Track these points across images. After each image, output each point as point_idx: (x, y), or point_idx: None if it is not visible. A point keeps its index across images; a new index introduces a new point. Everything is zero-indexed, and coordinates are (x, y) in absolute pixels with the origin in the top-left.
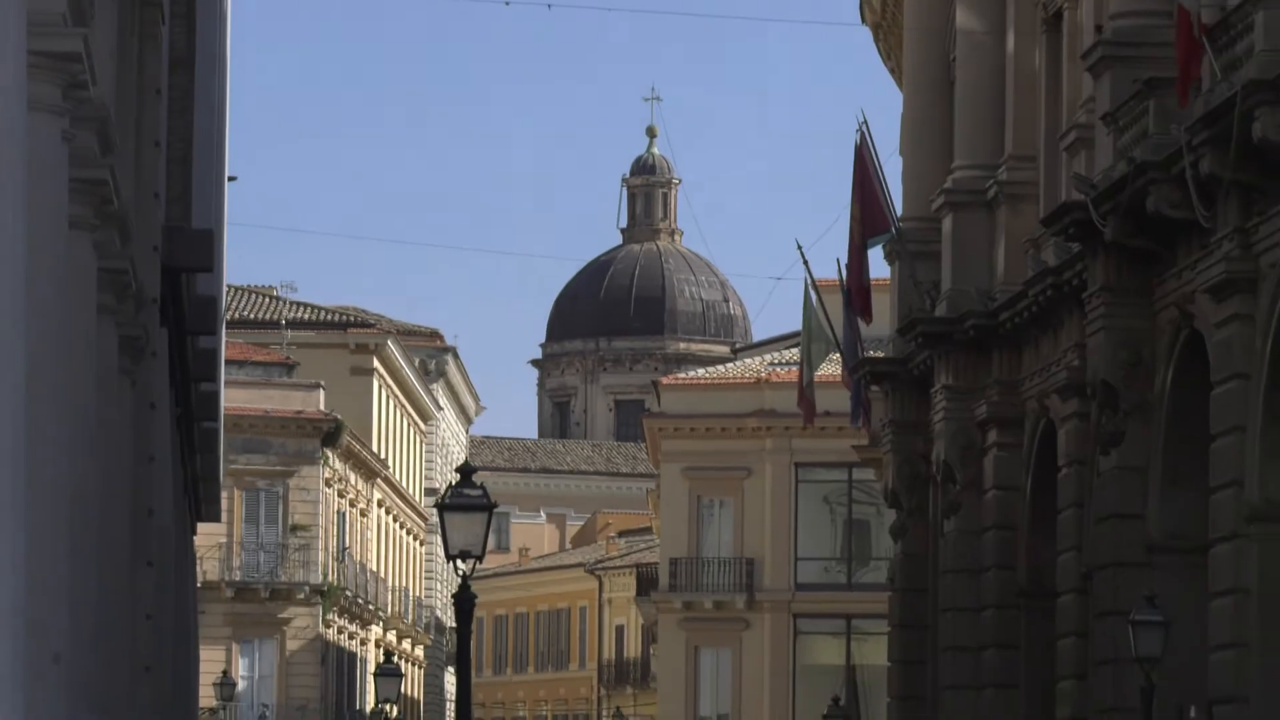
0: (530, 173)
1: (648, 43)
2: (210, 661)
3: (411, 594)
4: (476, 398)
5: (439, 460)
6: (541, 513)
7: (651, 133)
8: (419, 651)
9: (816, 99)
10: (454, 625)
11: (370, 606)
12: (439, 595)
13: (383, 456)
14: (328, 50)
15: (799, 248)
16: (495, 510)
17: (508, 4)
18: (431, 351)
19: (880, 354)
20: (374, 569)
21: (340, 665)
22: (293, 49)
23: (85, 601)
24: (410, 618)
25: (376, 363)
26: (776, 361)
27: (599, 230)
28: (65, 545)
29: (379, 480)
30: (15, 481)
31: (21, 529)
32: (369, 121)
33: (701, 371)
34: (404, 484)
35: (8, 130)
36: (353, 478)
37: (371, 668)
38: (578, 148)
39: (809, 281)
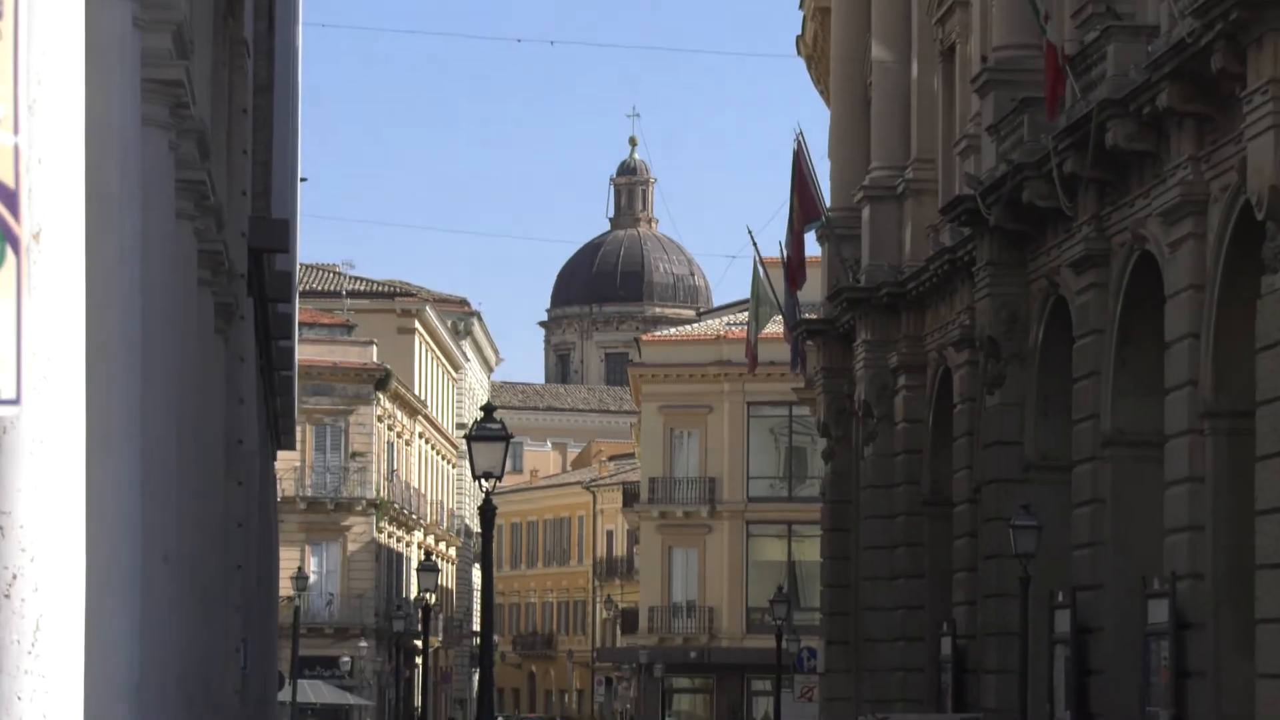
0: (538, 173)
1: (630, 71)
2: (288, 560)
3: (445, 506)
4: (496, 351)
5: (466, 401)
6: (547, 442)
7: (633, 142)
8: (451, 551)
9: (763, 114)
10: (479, 530)
11: (413, 516)
12: (467, 507)
13: (422, 398)
14: (378, 82)
15: (749, 232)
16: (510, 440)
17: (519, 41)
18: (460, 315)
19: (813, 316)
20: (416, 486)
21: (389, 562)
22: (351, 81)
23: (189, 512)
24: (444, 525)
25: (417, 324)
26: (732, 322)
27: (592, 219)
28: (173, 468)
29: (419, 417)
30: (132, 418)
31: (137, 455)
32: (411, 135)
33: (673, 330)
34: (439, 419)
35: (125, 142)
36: (399, 415)
37: (414, 564)
38: (575, 153)
39: (757, 259)
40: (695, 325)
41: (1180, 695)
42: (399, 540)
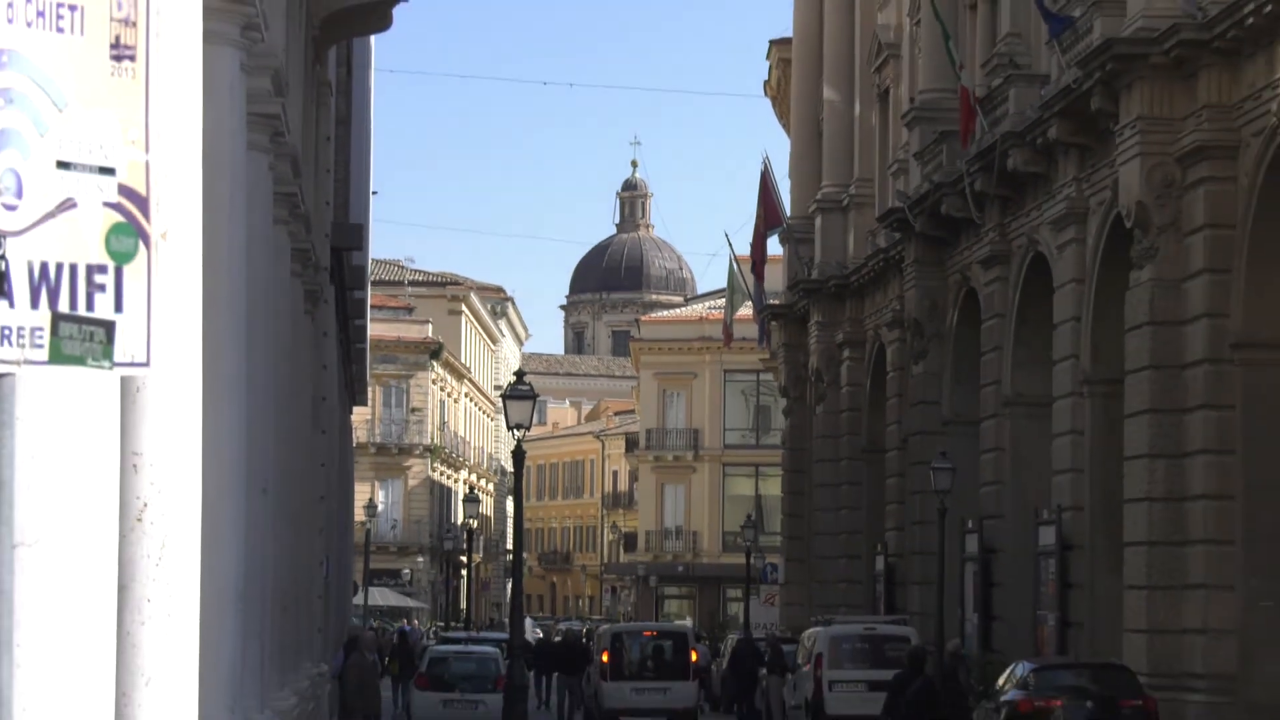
0: (559, 188)
1: (632, 108)
2: (361, 492)
3: (485, 450)
4: (525, 329)
5: (502, 368)
6: (566, 401)
7: (634, 164)
8: (490, 486)
9: (737, 142)
10: (512, 470)
11: (459, 458)
12: (502, 451)
13: (467, 365)
14: (432, 115)
15: (726, 236)
16: (536, 399)
17: (545, 84)
18: (497, 300)
19: (776, 302)
20: (462, 435)
21: (441, 495)
22: (412, 114)
23: (283, 454)
24: (484, 465)
25: (463, 307)
26: (712, 306)
27: (601, 225)
28: (270, 418)
29: (465, 380)
30: (238, 379)
31: (243, 409)
32: (458, 157)
33: (665, 313)
34: (480, 382)
35: (234, 162)
36: (448, 378)
37: (460, 497)
38: (588, 173)
39: (732, 257)
40: (683, 309)
41: (1063, 602)
42: (448, 477)
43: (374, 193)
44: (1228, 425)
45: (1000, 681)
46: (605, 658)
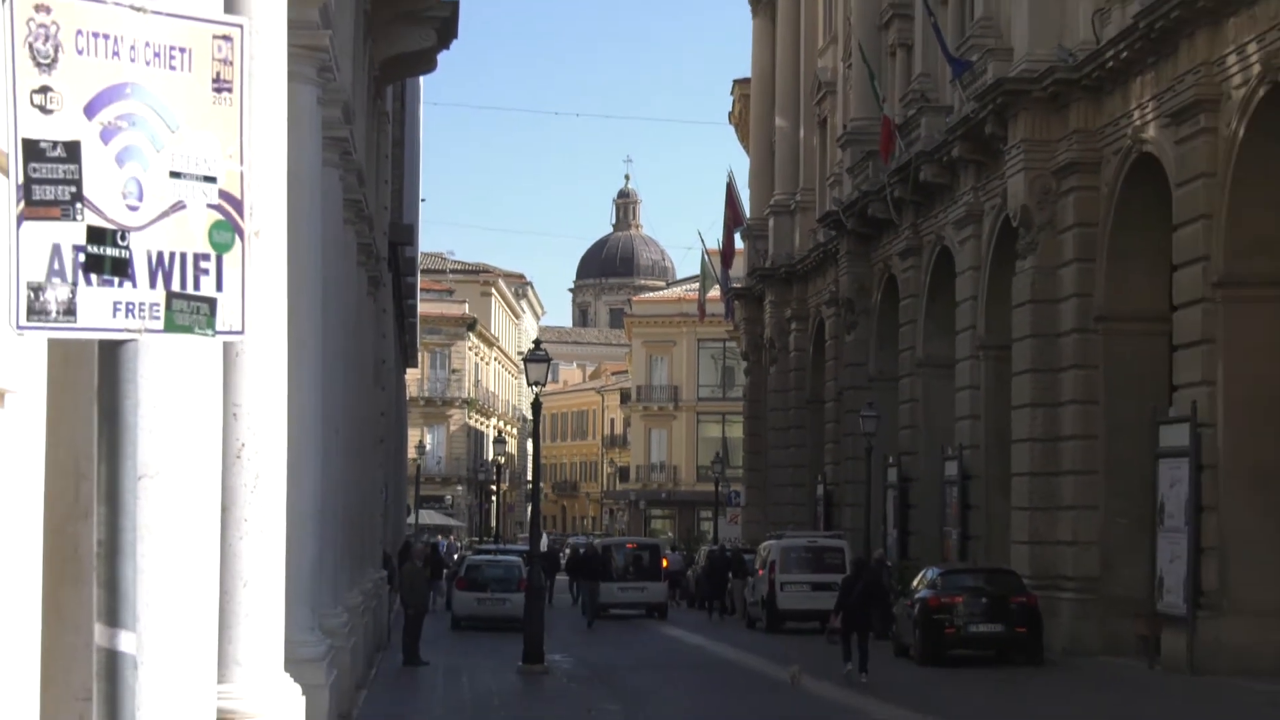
0: (568, 195)
1: (626, 131)
2: (412, 435)
3: (510, 402)
4: (541, 307)
5: (523, 337)
6: (574, 364)
7: (627, 177)
8: (514, 430)
9: (708, 160)
10: (531, 418)
11: (490, 409)
12: (524, 403)
13: (495, 336)
14: (467, 138)
15: (699, 234)
16: (550, 361)
17: (556, 114)
18: (519, 284)
19: (739, 285)
20: (492, 390)
21: (476, 438)
22: (452, 138)
23: (351, 405)
24: (510, 414)
25: (493, 290)
26: (688, 289)
27: (601, 225)
28: (340, 377)
29: (494, 347)
30: (315, 345)
31: (319, 369)
32: (488, 171)
33: (651, 294)
34: (506, 348)
35: (312, 175)
36: (481, 346)
37: (491, 439)
38: (592, 183)
39: (704, 250)
40: (665, 291)
41: (964, 520)
42: (481, 423)
43: (422, 200)
44: (1092, 381)
45: (914, 583)
46: (576, 561)
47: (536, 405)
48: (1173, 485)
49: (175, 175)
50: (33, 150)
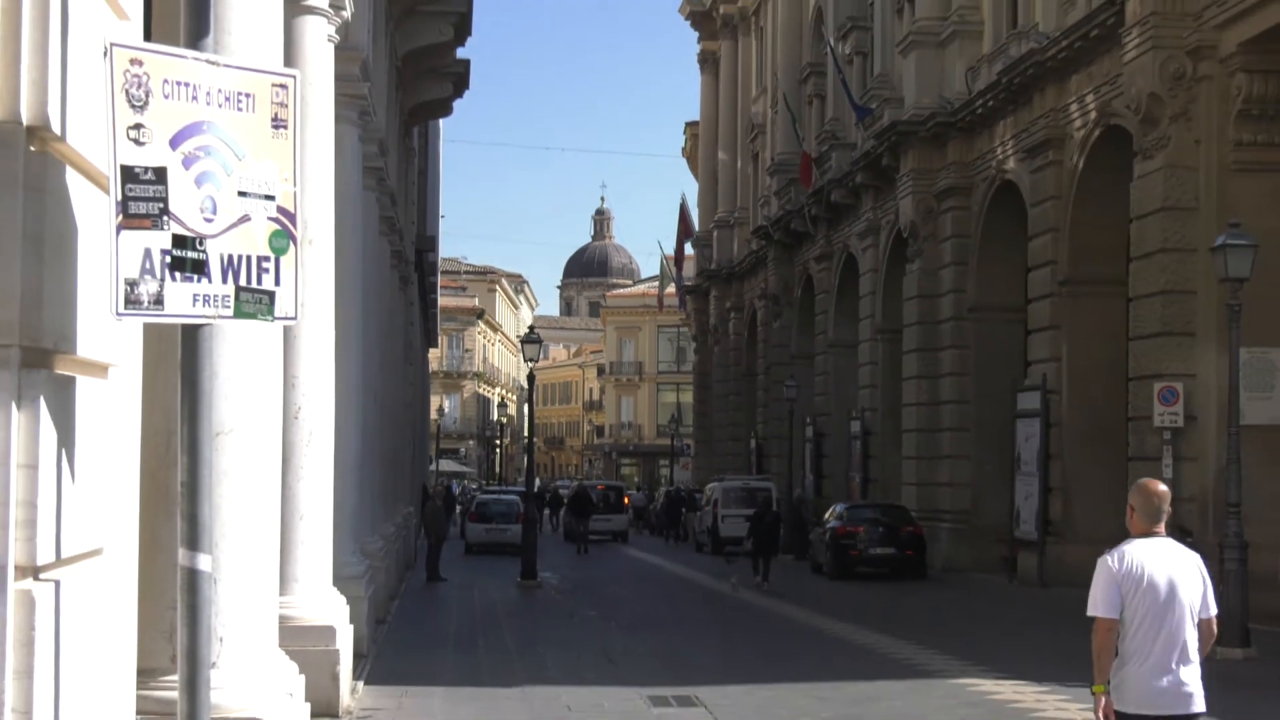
0: (556, 212)
1: (601, 162)
2: (434, 401)
3: (511, 375)
4: (535, 300)
5: (521, 324)
6: (561, 344)
7: (602, 199)
8: (513, 397)
9: (666, 184)
10: (526, 388)
11: (495, 380)
12: (521, 376)
13: (499, 323)
14: (475, 166)
15: (659, 243)
16: (541, 343)
17: (547, 149)
18: (517, 283)
19: (690, 283)
20: (497, 366)
21: (483, 403)
22: (465, 166)
23: (386, 377)
24: (510, 385)
25: (498, 288)
26: (650, 286)
27: (582, 236)
28: (376, 354)
29: (498, 332)
30: (356, 330)
31: (359, 348)
32: (492, 194)
33: (621, 290)
34: (508, 332)
35: (354, 196)
36: (488, 330)
37: (496, 404)
38: (575, 203)
39: (663, 255)
40: (632, 288)
41: (865, 467)
42: (488, 391)
43: (442, 216)
44: (965, 358)
45: (826, 516)
46: (572, 500)
47: (531, 377)
48: (1027, 439)
49: (242, 194)
50: (129, 174)
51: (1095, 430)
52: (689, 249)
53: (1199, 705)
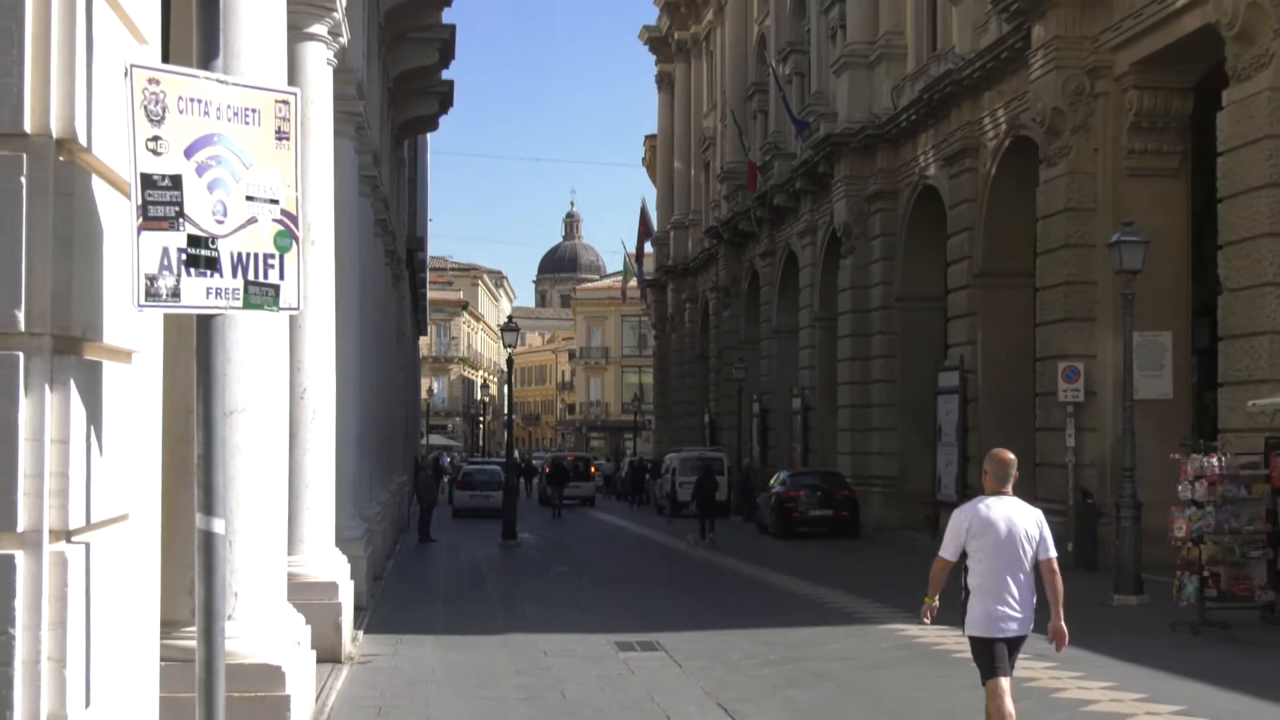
0: (532, 215)
1: (571, 170)
2: (424, 383)
3: (492, 360)
4: (513, 292)
5: (501, 314)
6: (536, 332)
7: (572, 203)
8: (494, 379)
9: (629, 191)
10: (506, 370)
11: (478, 364)
12: (501, 360)
13: (481, 313)
14: (461, 175)
15: (623, 242)
16: (519, 330)
17: (524, 159)
18: (497, 277)
19: (650, 277)
20: (479, 351)
21: (468, 385)
22: (450, 173)
23: (381, 361)
24: (491, 368)
25: (480, 282)
26: (615, 280)
27: (555, 236)
28: (371, 342)
29: (481, 321)
30: (355, 319)
31: (358, 335)
32: (476, 200)
33: (589, 284)
34: (490, 321)
35: (351, 201)
36: (472, 320)
37: (479, 384)
38: (548, 207)
39: (626, 253)
40: (599, 281)
41: (805, 438)
42: (472, 374)
43: (430, 219)
44: (892, 342)
45: (771, 482)
46: (548, 470)
47: (510, 362)
48: (947, 414)
49: (249, 199)
50: (148, 181)
51: (1007, 405)
52: (649, 247)
53: (1026, 629)
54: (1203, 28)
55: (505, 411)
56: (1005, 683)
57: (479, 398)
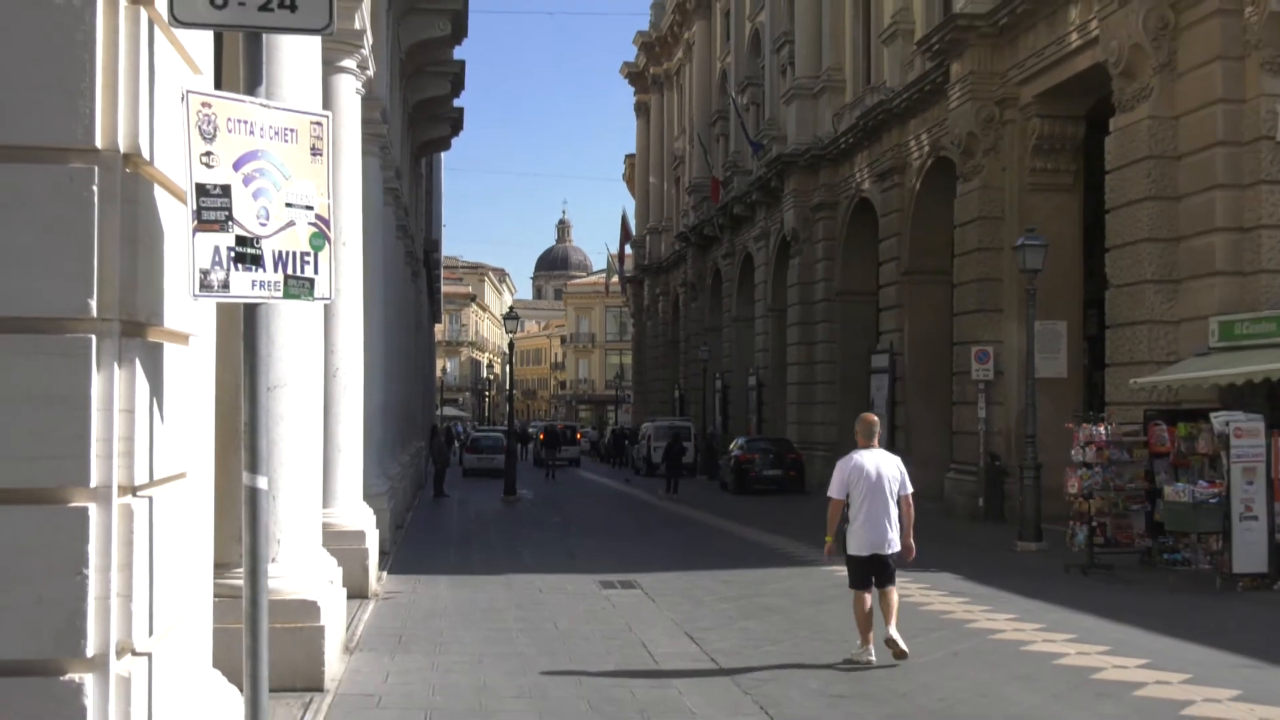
0: (529, 222)
1: (563, 184)
2: (439, 363)
3: (497, 344)
4: (514, 287)
5: (503, 305)
6: (533, 320)
7: (564, 212)
8: (498, 360)
9: (611, 201)
10: (508, 353)
11: (484, 347)
12: (504, 344)
13: (487, 304)
14: (470, 188)
15: (606, 245)
16: (519, 319)
17: (522, 175)
18: (501, 275)
19: (630, 275)
20: (485, 336)
21: (476, 365)
22: (460, 186)
23: (403, 345)
24: (496, 351)
25: (486, 278)
26: (600, 277)
27: (548, 238)
28: (394, 327)
29: (487, 311)
30: (378, 308)
31: (382, 324)
32: (484, 209)
33: (579, 280)
34: (494, 311)
35: (376, 209)
36: (479, 310)
37: (485, 364)
38: (543, 216)
39: (609, 254)
40: (587, 278)
41: (760, 410)
42: (479, 356)
43: (444, 224)
44: (833, 329)
45: (731, 446)
46: (541, 437)
47: (511, 345)
48: (878, 389)
49: (289, 205)
50: (201, 190)
51: (928, 382)
52: (628, 249)
53: (894, 548)
54: (1093, 66)
55: (507, 387)
56: (867, 595)
57: (485, 375)
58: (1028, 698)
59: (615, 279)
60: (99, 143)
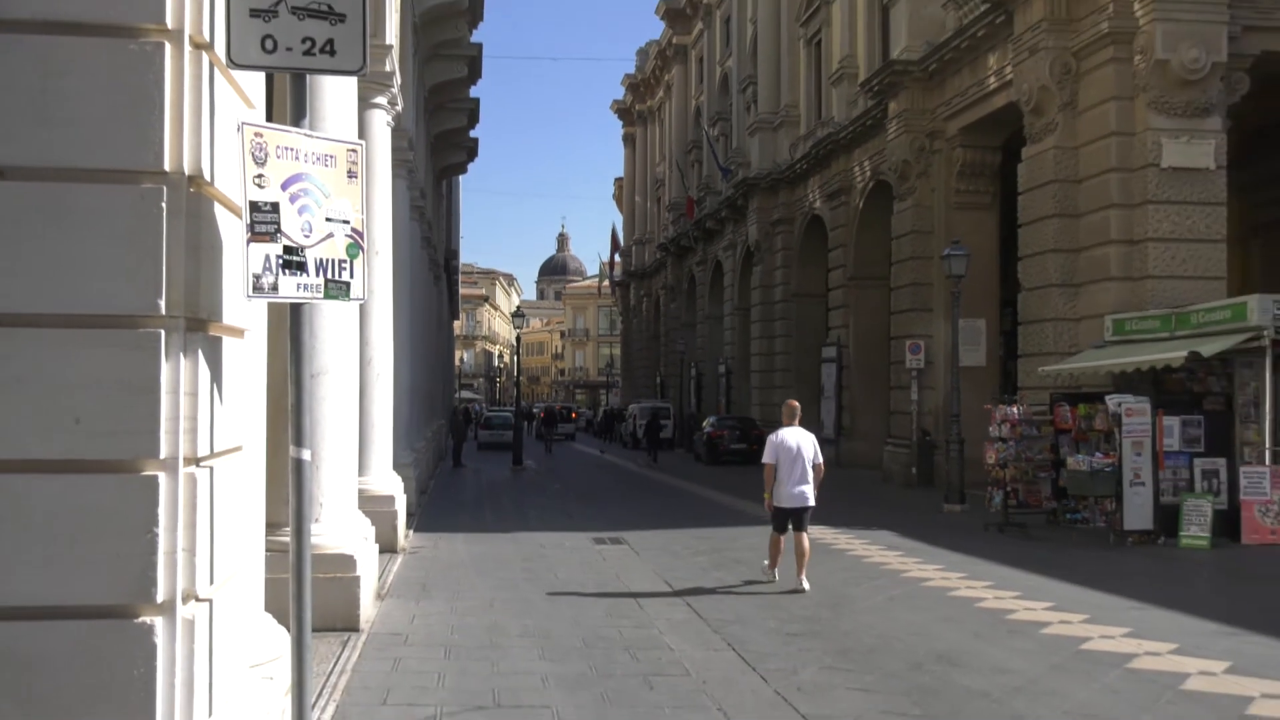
0: (534, 235)
1: (563, 203)
2: (457, 354)
3: (506, 338)
4: (520, 290)
5: (512, 305)
6: (537, 318)
7: (563, 225)
8: (507, 352)
9: (602, 215)
10: (515, 346)
11: (495, 341)
12: (511, 338)
13: (498, 305)
14: (485, 203)
15: (599, 255)
16: (525, 316)
17: (528, 195)
18: (510, 279)
19: (619, 280)
20: (497, 331)
21: (488, 355)
22: (476, 202)
23: (427, 338)
24: (505, 343)
25: (498, 282)
26: (594, 281)
27: (550, 249)
28: (420, 324)
29: (498, 310)
30: (405, 308)
31: (408, 320)
32: (494, 221)
33: (576, 284)
34: (505, 310)
35: (402, 222)
36: (491, 309)
37: (496, 356)
38: (543, 229)
39: (601, 261)
40: (583, 282)
41: (729, 395)
42: (491, 348)
43: (462, 236)
44: (789, 326)
45: (704, 424)
46: (542, 415)
47: (518, 339)
48: (828, 377)
49: (328, 219)
50: (254, 207)
51: (870, 371)
52: (618, 258)
53: (809, 502)
54: (1008, 104)
55: (515, 374)
56: (781, 537)
57: (496, 364)
58: (952, 635)
59: (606, 283)
60: (167, 166)
